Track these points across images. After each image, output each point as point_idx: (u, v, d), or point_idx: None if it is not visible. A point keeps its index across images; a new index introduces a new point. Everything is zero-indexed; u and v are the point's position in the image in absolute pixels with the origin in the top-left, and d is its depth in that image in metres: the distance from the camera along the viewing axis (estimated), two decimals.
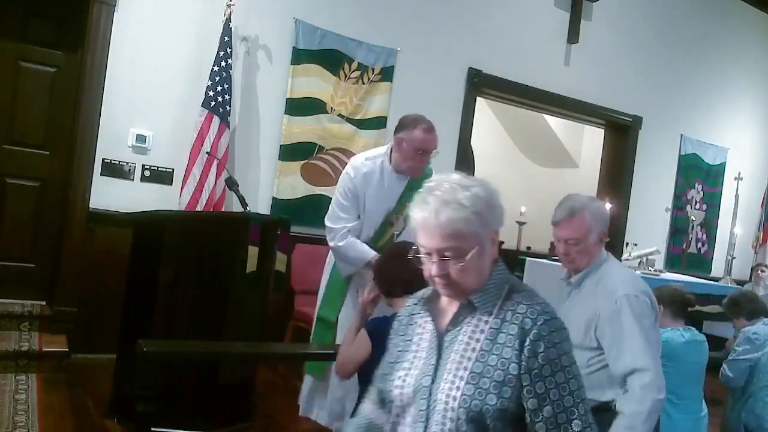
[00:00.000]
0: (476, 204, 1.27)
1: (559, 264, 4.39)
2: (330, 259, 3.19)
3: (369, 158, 3.12)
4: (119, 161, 4.23)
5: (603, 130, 7.03)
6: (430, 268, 1.29)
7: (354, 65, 4.96)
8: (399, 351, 1.40)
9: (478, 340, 1.27)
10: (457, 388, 1.23)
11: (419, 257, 1.31)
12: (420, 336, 1.37)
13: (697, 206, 7.25)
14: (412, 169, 3.01)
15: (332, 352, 3.42)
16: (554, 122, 8.15)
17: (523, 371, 1.22)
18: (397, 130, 3.04)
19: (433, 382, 1.28)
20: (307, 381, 3.15)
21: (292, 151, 4.77)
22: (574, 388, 1.26)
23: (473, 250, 1.27)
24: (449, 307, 1.36)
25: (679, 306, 3.01)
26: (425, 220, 1.26)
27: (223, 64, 4.25)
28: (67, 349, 3.79)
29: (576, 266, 2.20)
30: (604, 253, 2.23)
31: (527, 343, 1.23)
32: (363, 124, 5.04)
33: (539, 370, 1.22)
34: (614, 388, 2.04)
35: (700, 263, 7.32)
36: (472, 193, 1.27)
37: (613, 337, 2.03)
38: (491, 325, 1.28)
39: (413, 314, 1.44)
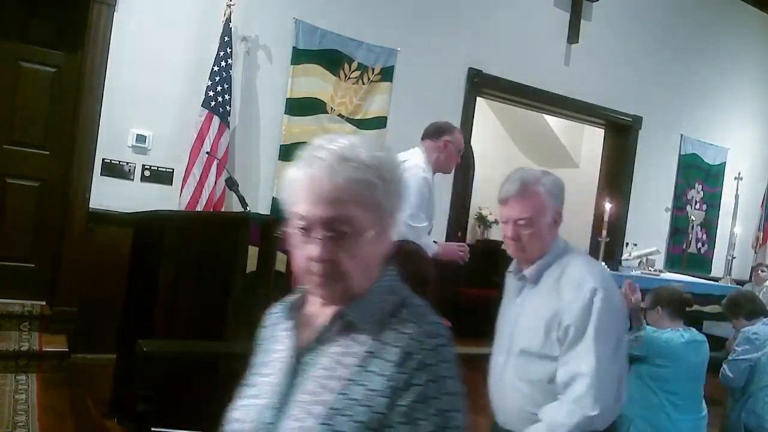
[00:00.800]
0: (383, 169, 0.97)
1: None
2: None
3: (411, 159, 3.29)
4: (119, 161, 4.23)
5: (603, 130, 7.03)
6: (309, 249, 0.95)
7: (354, 65, 4.96)
8: (253, 373, 1.11)
9: (346, 366, 0.95)
10: (306, 429, 0.93)
11: (294, 233, 0.98)
12: (277, 354, 1.06)
13: (697, 206, 7.25)
14: (451, 168, 3.56)
15: None
16: (554, 122, 8.14)
17: (390, 408, 0.91)
18: (437, 135, 3.41)
19: (277, 418, 0.97)
20: None
21: (292, 151, 4.76)
22: None
23: (371, 230, 0.96)
24: (319, 317, 1.03)
25: (678, 306, 3.02)
26: (313, 179, 0.94)
27: (223, 64, 4.25)
28: (67, 349, 3.79)
29: (527, 255, 1.82)
30: (562, 240, 1.88)
31: (405, 371, 0.92)
32: (363, 124, 5.04)
33: (410, 408, 0.91)
34: None
35: (700, 263, 7.32)
36: (378, 156, 0.98)
37: (572, 338, 1.68)
38: (367, 348, 0.96)
39: (276, 324, 1.13)
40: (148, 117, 4.28)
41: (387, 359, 0.93)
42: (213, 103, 4.22)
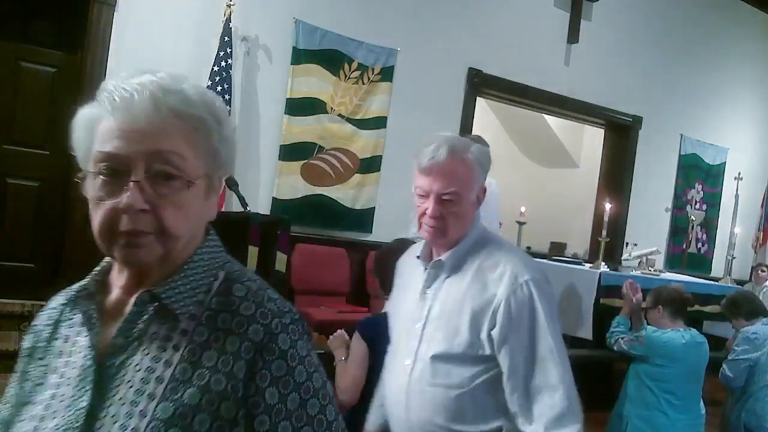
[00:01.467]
0: (216, 109, 0.86)
1: (546, 261, 4.39)
2: None
3: None
4: None
5: (603, 130, 7.03)
6: (120, 198, 0.77)
7: (354, 65, 4.96)
8: (28, 389, 0.87)
9: (168, 364, 0.76)
10: None
11: (97, 180, 0.79)
12: (66, 360, 0.83)
13: (697, 206, 7.24)
14: None
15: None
16: (554, 122, 8.14)
17: (243, 411, 0.75)
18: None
19: None
20: None
21: (292, 151, 4.77)
22: (325, 425, 0.80)
23: (201, 180, 0.82)
24: (126, 304, 0.82)
25: (679, 306, 3.02)
26: (130, 109, 0.76)
27: (223, 64, 4.25)
28: None
29: (447, 238, 1.49)
30: (481, 223, 1.59)
31: (256, 363, 0.76)
32: (363, 124, 5.04)
33: (274, 403, 0.76)
34: (503, 412, 1.45)
35: (700, 263, 7.32)
36: (209, 94, 0.87)
37: (518, 341, 1.40)
38: (193, 338, 0.78)
39: (59, 322, 0.90)
40: None
41: (224, 350, 0.76)
42: None
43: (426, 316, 1.50)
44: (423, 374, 1.47)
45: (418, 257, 1.59)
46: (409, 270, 1.64)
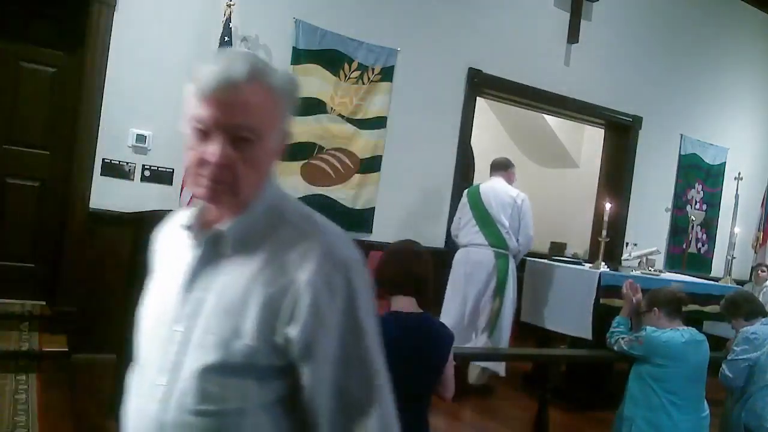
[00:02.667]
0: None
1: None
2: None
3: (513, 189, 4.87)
4: (119, 161, 4.23)
5: (603, 130, 7.03)
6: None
7: (354, 65, 4.96)
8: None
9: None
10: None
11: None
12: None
13: (697, 206, 7.25)
14: None
15: None
16: (554, 122, 8.14)
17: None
18: (508, 167, 4.94)
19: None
20: None
21: (292, 151, 4.76)
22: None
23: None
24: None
25: (674, 306, 3.02)
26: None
27: None
28: (67, 349, 3.79)
29: (237, 197, 1.04)
30: (276, 183, 1.12)
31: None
32: (363, 124, 5.04)
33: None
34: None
35: (700, 263, 7.33)
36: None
37: (327, 345, 0.99)
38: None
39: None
40: (148, 117, 4.28)
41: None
42: None
43: (192, 314, 1.02)
44: (185, 398, 1.00)
45: (187, 228, 1.08)
46: (171, 247, 1.14)
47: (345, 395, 0.98)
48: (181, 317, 1.03)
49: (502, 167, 4.88)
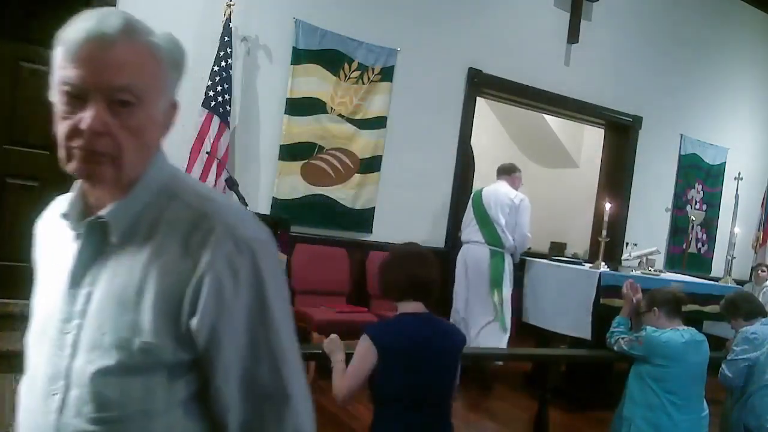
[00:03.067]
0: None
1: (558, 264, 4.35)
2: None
3: (514, 191, 5.08)
4: None
5: (603, 130, 7.03)
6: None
7: (354, 65, 4.96)
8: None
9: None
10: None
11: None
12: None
13: (697, 206, 7.25)
14: None
15: None
16: (554, 122, 8.15)
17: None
18: (512, 172, 5.15)
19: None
20: None
21: (292, 151, 4.77)
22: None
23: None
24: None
25: (673, 305, 3.02)
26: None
27: (223, 64, 4.25)
28: None
29: (119, 173, 0.91)
30: (166, 160, 1.00)
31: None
32: (363, 124, 5.04)
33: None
34: None
35: (700, 263, 7.33)
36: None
37: (233, 335, 0.90)
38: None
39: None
40: None
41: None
42: (213, 103, 4.22)
43: (82, 312, 0.92)
44: (83, 406, 0.89)
45: (64, 216, 0.96)
46: (53, 238, 1.01)
47: (253, 384, 0.90)
48: (71, 317, 0.91)
49: (506, 172, 5.16)
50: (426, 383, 2.05)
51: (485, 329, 4.83)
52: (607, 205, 4.84)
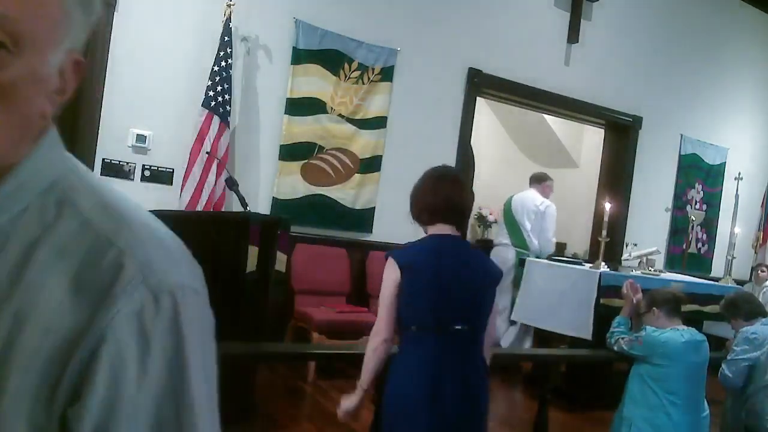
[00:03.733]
0: None
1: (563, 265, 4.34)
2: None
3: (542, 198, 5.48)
4: (119, 161, 4.23)
5: (603, 130, 7.03)
6: None
7: (354, 65, 4.96)
8: None
9: None
10: None
11: None
12: None
13: (697, 206, 7.25)
14: None
15: (332, 352, 3.42)
16: (554, 122, 8.14)
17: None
18: (542, 180, 5.55)
19: None
20: None
21: (292, 151, 4.77)
22: None
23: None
24: None
25: (673, 305, 3.02)
26: None
27: (223, 64, 4.25)
28: None
29: None
30: (56, 137, 0.68)
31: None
32: (363, 124, 5.04)
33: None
34: None
35: (700, 263, 7.32)
36: None
37: (134, 420, 0.55)
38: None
39: None
40: (148, 117, 4.28)
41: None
42: (213, 103, 4.22)
43: None
44: None
45: None
46: None
47: None
48: None
49: (536, 180, 5.59)
50: (451, 306, 1.93)
51: (508, 331, 5.25)
52: (607, 205, 4.84)
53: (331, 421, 3.66)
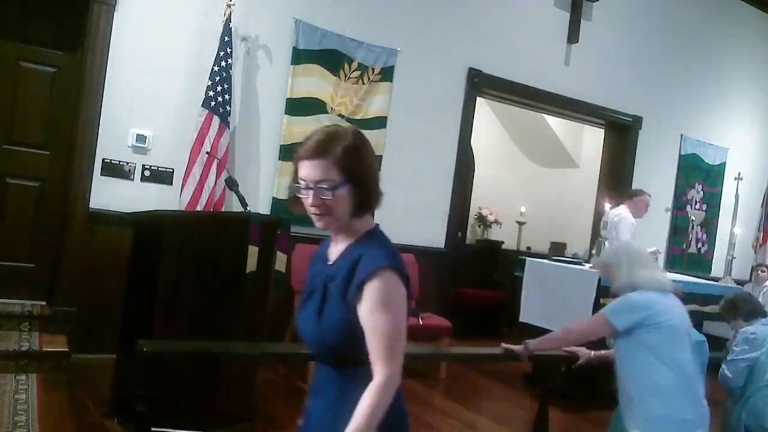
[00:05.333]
0: None
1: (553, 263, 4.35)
2: None
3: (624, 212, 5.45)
4: (119, 161, 4.23)
5: (603, 130, 7.03)
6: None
7: (354, 65, 4.96)
8: None
9: None
10: None
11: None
12: None
13: (697, 206, 7.25)
14: (641, 215, 5.52)
15: None
16: (554, 122, 8.14)
17: None
18: (633, 196, 5.49)
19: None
20: None
21: (292, 151, 4.76)
22: None
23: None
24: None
25: None
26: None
27: (223, 64, 4.25)
28: (67, 349, 3.79)
29: None
30: None
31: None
32: (363, 124, 5.03)
33: None
34: None
35: (700, 263, 7.33)
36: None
37: None
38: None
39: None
40: (148, 117, 4.28)
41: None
42: (213, 103, 4.22)
43: None
44: None
45: None
46: None
47: None
48: None
49: (627, 197, 5.66)
50: None
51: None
52: (607, 205, 4.84)
53: None
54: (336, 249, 1.52)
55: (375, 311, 1.33)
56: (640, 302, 2.54)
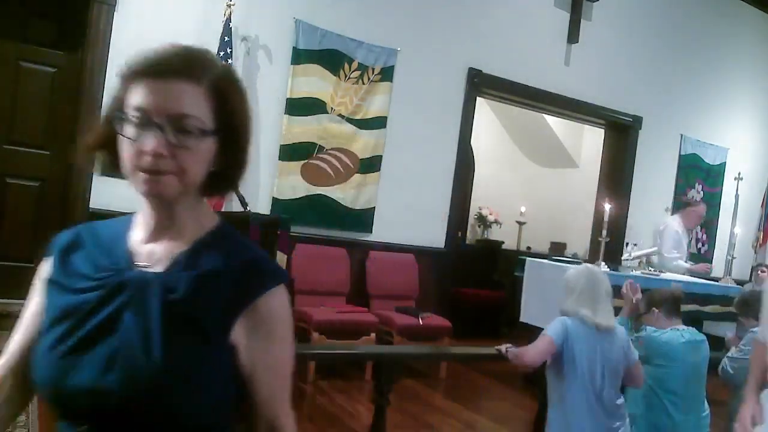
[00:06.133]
0: None
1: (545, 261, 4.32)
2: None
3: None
4: None
5: (603, 130, 7.03)
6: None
7: (354, 65, 4.96)
8: None
9: None
10: None
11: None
12: None
13: None
14: (693, 225, 5.82)
15: (332, 352, 3.42)
16: (554, 122, 8.15)
17: None
18: (685, 206, 5.73)
19: None
20: None
21: (292, 151, 4.77)
22: None
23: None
24: None
25: (671, 304, 3.02)
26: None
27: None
28: None
29: None
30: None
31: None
32: (363, 124, 5.04)
33: None
34: None
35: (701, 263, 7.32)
36: None
37: None
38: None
39: None
40: None
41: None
42: None
43: None
44: None
45: None
46: None
47: None
48: None
49: (679, 207, 5.93)
50: None
51: None
52: (607, 205, 4.84)
53: (331, 421, 3.67)
54: (164, 245, 1.03)
55: (279, 342, 0.98)
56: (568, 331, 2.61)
